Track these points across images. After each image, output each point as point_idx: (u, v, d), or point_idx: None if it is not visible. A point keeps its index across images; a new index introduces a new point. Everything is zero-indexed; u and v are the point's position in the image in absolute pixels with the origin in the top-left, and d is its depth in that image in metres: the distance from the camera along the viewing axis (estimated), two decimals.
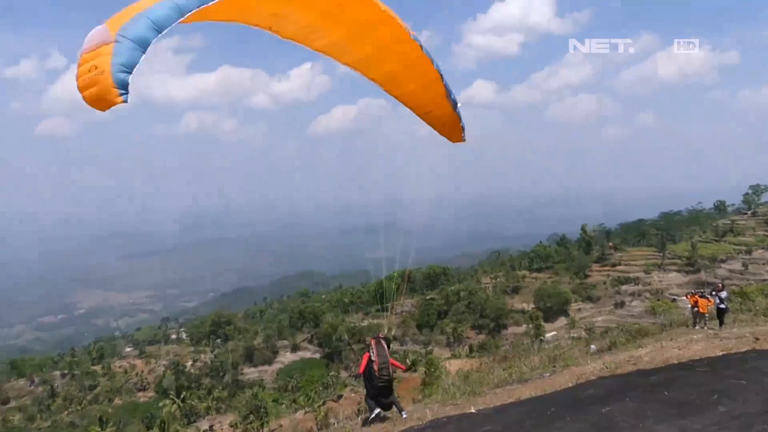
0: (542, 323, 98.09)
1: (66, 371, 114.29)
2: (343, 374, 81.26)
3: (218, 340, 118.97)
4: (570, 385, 12.00)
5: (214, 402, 75.72)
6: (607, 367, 13.33)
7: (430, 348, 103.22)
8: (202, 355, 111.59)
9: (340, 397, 59.32)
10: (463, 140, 10.88)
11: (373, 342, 10.93)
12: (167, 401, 73.67)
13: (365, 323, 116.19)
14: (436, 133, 11.03)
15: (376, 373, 10.20)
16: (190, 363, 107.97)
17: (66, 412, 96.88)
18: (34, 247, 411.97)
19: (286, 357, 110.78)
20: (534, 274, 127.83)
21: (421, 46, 8.47)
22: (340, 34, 8.31)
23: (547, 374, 15.27)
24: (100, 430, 68.73)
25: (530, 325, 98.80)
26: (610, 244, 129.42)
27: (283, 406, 62.23)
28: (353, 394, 57.30)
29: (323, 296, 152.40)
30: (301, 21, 7.98)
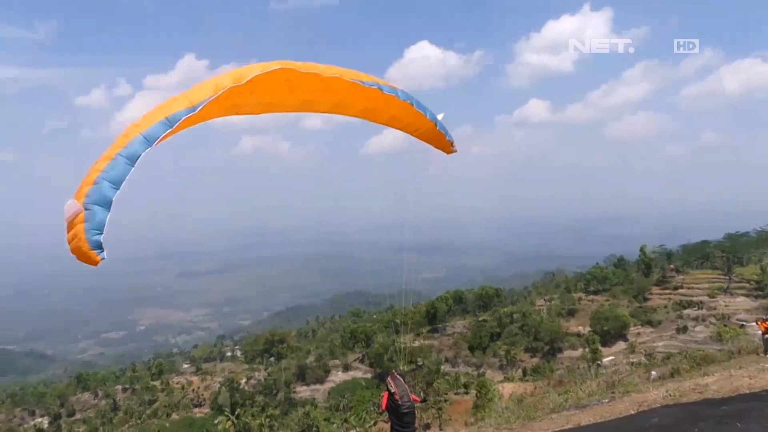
0: (599, 347, 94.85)
1: (127, 386, 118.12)
2: None
3: (272, 358, 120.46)
4: (632, 412, 11.61)
5: (268, 419, 76.44)
6: (671, 395, 12.81)
7: (482, 370, 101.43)
8: (256, 373, 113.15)
9: None
10: (454, 151, 11.97)
11: (390, 379, 10.92)
12: (222, 418, 74.90)
13: (416, 344, 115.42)
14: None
15: (399, 401, 10.32)
16: (244, 380, 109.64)
17: (127, 426, 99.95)
18: (99, 266, 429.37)
19: (338, 376, 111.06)
20: (590, 297, 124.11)
21: (380, 90, 9.82)
22: (335, 103, 10.51)
23: (606, 400, 14.82)
24: None
25: (586, 349, 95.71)
26: (672, 266, 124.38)
27: (335, 425, 62.32)
28: None
29: (375, 316, 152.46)
30: (303, 100, 10.20)
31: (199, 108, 7.44)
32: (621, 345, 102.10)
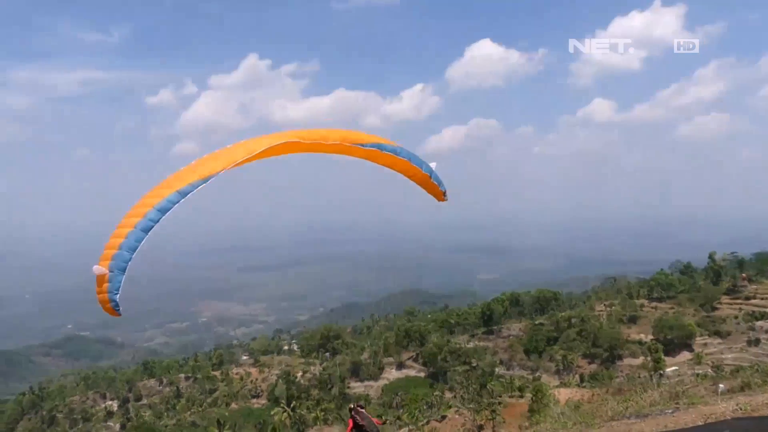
0: (662, 357, 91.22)
1: (190, 374, 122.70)
2: (448, 395, 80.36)
3: (327, 354, 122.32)
4: (700, 423, 11.22)
5: (322, 413, 77.78)
6: (741, 409, 12.27)
7: (537, 374, 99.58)
8: (312, 367, 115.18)
9: (443, 417, 58.79)
10: (445, 200, 13.43)
11: (355, 413, 13.46)
12: (278, 409, 76.77)
13: (471, 345, 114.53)
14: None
15: (366, 430, 13.03)
16: (300, 374, 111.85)
17: (189, 413, 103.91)
18: (167, 259, 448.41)
19: (392, 374, 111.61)
20: (654, 304, 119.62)
21: (379, 150, 11.42)
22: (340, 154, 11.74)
23: (670, 411, 14.35)
24: (217, 431, 72.98)
25: (648, 358, 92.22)
26: (744, 274, 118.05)
27: (388, 422, 62.68)
28: (457, 416, 56.59)
29: (429, 315, 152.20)
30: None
31: (210, 180, 8.84)
32: (686, 355, 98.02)
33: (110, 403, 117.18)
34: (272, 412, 78.72)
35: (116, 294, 8.56)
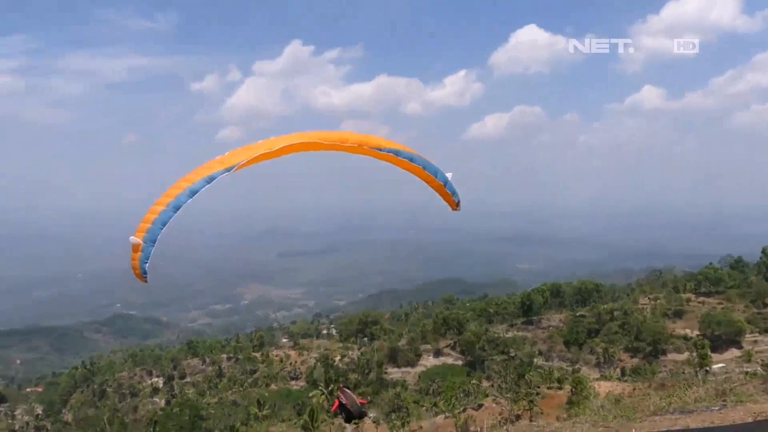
0: (709, 353, 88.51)
1: (231, 355, 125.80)
2: (485, 384, 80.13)
3: (365, 339, 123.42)
4: (749, 420, 10.87)
5: (359, 397, 78.67)
6: None
7: (577, 366, 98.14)
8: (350, 352, 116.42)
9: (480, 406, 58.70)
10: (458, 209, 14.06)
11: (340, 392, 14.27)
12: (317, 392, 77.92)
13: (509, 335, 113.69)
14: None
15: (351, 409, 13.90)
16: (338, 358, 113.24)
17: (230, 392, 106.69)
18: (211, 242, 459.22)
19: (429, 361, 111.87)
20: (701, 299, 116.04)
21: (396, 156, 11.87)
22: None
23: (716, 408, 13.96)
24: (258, 411, 74.73)
25: (694, 354, 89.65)
26: None
27: (424, 408, 63.00)
28: (494, 405, 56.38)
29: (467, 304, 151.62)
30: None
31: (233, 169, 9.98)
32: (734, 352, 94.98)
33: (156, 379, 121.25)
34: (310, 394, 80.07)
35: (146, 263, 9.73)
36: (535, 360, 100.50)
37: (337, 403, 14.17)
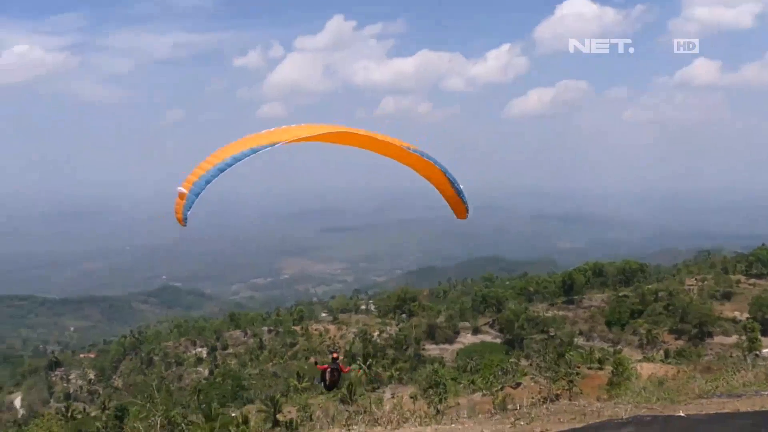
0: (759, 336, 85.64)
1: (272, 328, 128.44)
2: (523, 363, 79.70)
3: (403, 315, 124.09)
4: None
5: (397, 372, 79.50)
6: None
7: (619, 347, 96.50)
8: (388, 327, 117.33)
9: (518, 384, 58.40)
10: (466, 218, 14.29)
11: (334, 363, 14.49)
12: (355, 366, 79.09)
13: (549, 314, 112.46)
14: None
15: (327, 375, 14.33)
16: (376, 333, 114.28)
17: (270, 364, 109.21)
18: (253, 217, 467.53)
19: (467, 338, 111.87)
20: (752, 281, 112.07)
21: (421, 156, 12.31)
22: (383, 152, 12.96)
23: (767, 392, 13.38)
24: (297, 383, 76.37)
25: (743, 337, 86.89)
26: None
27: (461, 385, 63.08)
28: (533, 384, 55.97)
29: (507, 282, 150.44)
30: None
31: (277, 146, 10.77)
32: None
33: (200, 350, 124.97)
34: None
35: (188, 210, 10.63)
36: (576, 340, 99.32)
37: (325, 368, 14.69)
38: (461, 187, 13.43)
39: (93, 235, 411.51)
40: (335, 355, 14.74)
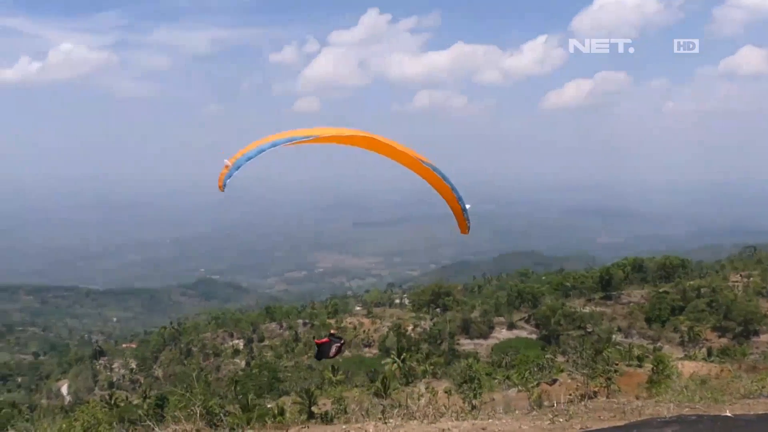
0: None
1: (307, 320, 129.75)
2: (560, 359, 78.64)
3: (437, 309, 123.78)
4: None
5: (431, 367, 79.40)
6: None
7: (659, 344, 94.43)
8: (422, 322, 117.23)
9: (555, 381, 57.76)
10: (467, 233, 14.78)
11: (327, 338, 15.03)
12: (389, 360, 79.36)
13: (587, 310, 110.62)
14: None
15: (325, 352, 14.84)
16: (410, 327, 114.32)
17: (306, 356, 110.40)
18: (288, 211, 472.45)
19: (502, 333, 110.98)
20: None
21: (434, 171, 13.35)
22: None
23: None
24: (332, 376, 77.05)
25: None
26: None
27: (496, 381, 62.68)
28: (569, 380, 55.23)
29: (543, 277, 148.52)
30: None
31: (310, 138, 11.86)
32: None
33: (237, 341, 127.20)
34: (383, 362, 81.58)
35: (228, 179, 11.77)
36: (614, 336, 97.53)
37: (324, 341, 15.28)
38: (468, 206, 14.40)
39: (134, 228, 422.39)
40: (333, 331, 15.72)
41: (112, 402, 65.37)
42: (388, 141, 12.87)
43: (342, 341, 14.91)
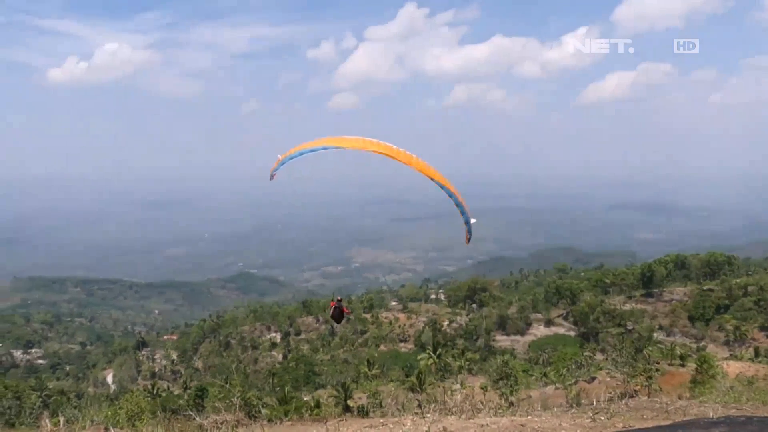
0: None
1: None
2: (598, 357, 77.21)
3: (473, 305, 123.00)
4: None
5: (467, 362, 78.92)
6: None
7: (702, 344, 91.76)
8: (458, 317, 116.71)
9: (593, 379, 56.76)
10: (467, 244, 17.14)
11: (333, 302, 19.39)
12: (424, 355, 79.24)
13: (627, 307, 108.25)
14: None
15: (332, 312, 19.28)
16: (446, 323, 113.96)
17: (341, 350, 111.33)
18: (326, 207, 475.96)
19: (539, 330, 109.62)
20: None
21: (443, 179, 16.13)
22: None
23: None
24: (367, 370, 77.42)
25: None
26: None
27: (533, 378, 62.04)
28: (608, 379, 54.21)
29: (582, 273, 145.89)
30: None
31: (339, 147, 14.11)
32: None
33: (274, 335, 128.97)
34: (419, 357, 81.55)
35: (276, 170, 13.88)
36: (655, 335, 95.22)
37: (333, 304, 19.48)
38: (472, 221, 16.92)
39: (176, 223, 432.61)
40: (339, 298, 19.77)
41: (155, 392, 67.14)
42: (411, 157, 15.37)
43: (348, 311, 18.77)
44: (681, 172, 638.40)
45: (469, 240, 17.07)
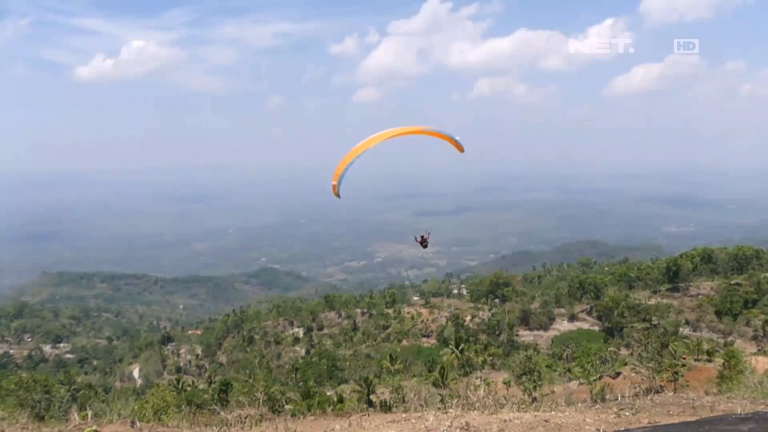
0: None
1: (365, 310, 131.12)
2: (623, 352, 76.26)
3: (496, 300, 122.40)
4: None
5: (490, 357, 78.68)
6: None
7: (730, 339, 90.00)
8: (480, 312, 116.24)
9: (618, 374, 56.01)
10: (462, 151, 19.51)
11: (420, 235, 23.05)
12: (447, 350, 79.20)
13: (652, 302, 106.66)
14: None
15: (419, 239, 23.13)
16: (468, 318, 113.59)
17: (364, 345, 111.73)
18: (349, 202, 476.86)
19: (563, 325, 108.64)
20: None
21: (432, 132, 18.07)
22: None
23: None
24: (390, 365, 77.62)
25: None
26: None
27: (557, 373, 61.48)
28: (633, 374, 53.53)
29: (606, 267, 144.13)
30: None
31: (372, 147, 16.77)
32: None
33: (297, 330, 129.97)
34: (441, 352, 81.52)
35: (337, 185, 16.69)
36: (681, 330, 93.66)
37: (421, 239, 23.54)
38: (457, 138, 18.49)
39: (200, 218, 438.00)
40: (428, 233, 23.66)
41: (180, 386, 68.18)
42: (415, 128, 17.07)
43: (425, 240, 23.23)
44: (710, 165, 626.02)
45: (462, 149, 19.03)
